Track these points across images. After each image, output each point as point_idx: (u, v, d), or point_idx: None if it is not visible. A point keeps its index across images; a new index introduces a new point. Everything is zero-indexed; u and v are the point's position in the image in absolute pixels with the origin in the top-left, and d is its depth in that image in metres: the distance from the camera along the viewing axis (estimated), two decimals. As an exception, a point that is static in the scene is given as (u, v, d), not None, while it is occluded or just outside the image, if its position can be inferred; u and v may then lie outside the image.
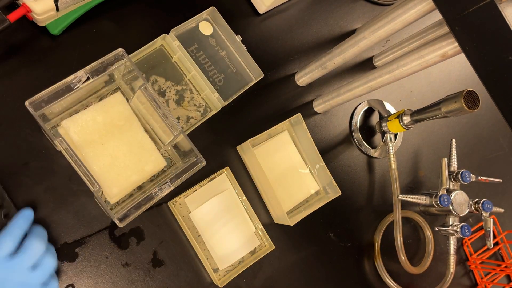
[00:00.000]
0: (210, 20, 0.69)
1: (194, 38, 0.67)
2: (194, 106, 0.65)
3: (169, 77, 0.65)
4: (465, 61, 0.46)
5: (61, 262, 0.55)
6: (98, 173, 0.53)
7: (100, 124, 0.54)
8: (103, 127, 0.55)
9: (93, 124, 0.54)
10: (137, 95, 0.54)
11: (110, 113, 0.55)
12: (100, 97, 0.57)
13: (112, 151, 0.55)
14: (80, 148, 0.53)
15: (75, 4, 0.57)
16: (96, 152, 0.54)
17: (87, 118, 0.54)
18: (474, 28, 0.43)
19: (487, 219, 0.75)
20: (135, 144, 0.56)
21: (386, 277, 0.74)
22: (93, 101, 0.57)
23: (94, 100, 0.57)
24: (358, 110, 0.79)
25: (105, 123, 0.55)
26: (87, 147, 0.53)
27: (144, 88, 0.52)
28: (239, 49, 0.69)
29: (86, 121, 0.54)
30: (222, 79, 0.67)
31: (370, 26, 0.57)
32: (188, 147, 0.55)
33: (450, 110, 0.61)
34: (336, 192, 0.69)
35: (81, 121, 0.54)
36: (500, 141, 0.94)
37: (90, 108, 0.55)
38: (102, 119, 0.55)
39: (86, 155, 0.53)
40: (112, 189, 0.54)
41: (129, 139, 0.56)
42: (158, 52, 0.65)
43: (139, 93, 0.53)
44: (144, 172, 0.56)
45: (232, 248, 0.64)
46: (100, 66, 0.50)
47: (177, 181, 0.53)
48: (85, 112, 0.54)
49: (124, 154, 0.55)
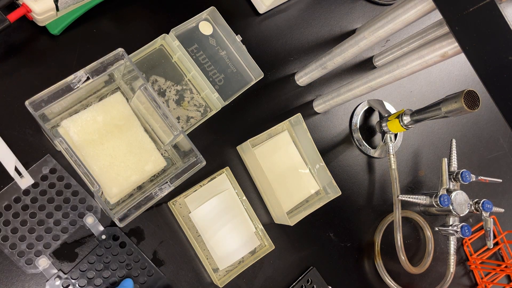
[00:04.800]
0: (210, 20, 0.69)
1: (194, 38, 0.67)
2: (194, 106, 0.65)
3: (169, 77, 0.65)
4: (465, 61, 0.46)
5: (61, 262, 0.55)
6: (98, 173, 0.53)
7: (100, 124, 0.54)
8: (103, 127, 0.55)
9: (93, 124, 0.54)
10: (137, 95, 0.54)
11: (110, 113, 0.55)
12: (100, 97, 0.57)
13: (112, 151, 0.55)
14: (80, 148, 0.53)
15: (75, 4, 0.57)
16: (96, 152, 0.54)
17: (87, 118, 0.54)
18: (474, 28, 0.43)
19: (487, 219, 0.75)
20: (135, 144, 0.56)
21: (386, 277, 0.74)
22: (93, 101, 0.57)
23: (94, 100, 0.57)
24: (358, 110, 0.79)
25: (105, 123, 0.55)
26: (87, 147, 0.53)
27: (144, 88, 0.52)
28: (239, 49, 0.69)
29: (86, 121, 0.54)
30: (222, 79, 0.67)
31: (370, 26, 0.57)
32: (188, 147, 0.55)
33: (450, 110, 0.61)
34: (336, 192, 0.69)
35: (81, 121, 0.54)
36: (500, 141, 0.94)
37: (90, 108, 0.55)
38: (102, 119, 0.55)
39: (86, 155, 0.53)
40: (112, 189, 0.54)
41: (129, 139, 0.56)
42: (158, 52, 0.65)
43: (139, 93, 0.53)
44: (144, 172, 0.56)
45: (232, 248, 0.64)
46: (100, 66, 0.50)
47: (177, 181, 0.53)
48: (85, 112, 0.54)
49: (124, 154, 0.55)
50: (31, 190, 0.55)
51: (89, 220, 0.57)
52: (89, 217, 0.57)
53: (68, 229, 0.56)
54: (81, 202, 0.57)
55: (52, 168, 0.56)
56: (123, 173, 0.55)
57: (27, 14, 0.54)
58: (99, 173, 0.53)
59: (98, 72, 0.49)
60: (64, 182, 0.56)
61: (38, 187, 0.55)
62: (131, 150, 0.56)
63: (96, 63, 0.49)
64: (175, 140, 0.55)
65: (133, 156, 0.56)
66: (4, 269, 0.53)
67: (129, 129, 0.56)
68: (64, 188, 0.56)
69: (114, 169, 0.54)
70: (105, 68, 0.50)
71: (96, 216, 0.57)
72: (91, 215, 0.57)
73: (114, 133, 0.55)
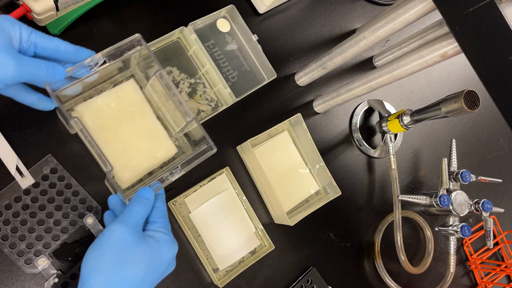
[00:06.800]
0: (228, 17, 0.70)
1: (210, 34, 0.68)
2: (206, 100, 0.66)
3: (183, 69, 0.65)
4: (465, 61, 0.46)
5: (61, 262, 0.55)
6: (110, 157, 0.53)
7: (113, 110, 0.55)
8: (117, 113, 0.55)
9: (106, 109, 0.55)
10: (151, 82, 0.55)
11: (124, 99, 0.56)
12: (114, 84, 0.58)
13: (125, 137, 0.55)
14: (93, 133, 0.53)
15: (75, 4, 0.57)
16: (109, 137, 0.54)
17: (101, 104, 0.54)
18: (474, 28, 0.43)
19: (487, 219, 0.75)
20: (147, 131, 0.57)
21: (386, 277, 0.74)
22: (107, 87, 0.57)
23: (108, 86, 0.57)
24: (358, 110, 0.79)
25: (118, 109, 0.55)
26: (100, 132, 0.54)
27: (160, 74, 0.53)
28: (254, 48, 0.70)
29: (100, 107, 0.54)
30: (235, 76, 0.68)
31: (370, 26, 0.57)
32: (199, 135, 0.55)
33: (450, 110, 0.61)
34: (336, 192, 0.69)
35: (95, 106, 0.54)
36: (500, 141, 0.94)
37: (104, 93, 0.55)
38: (116, 105, 0.55)
39: (99, 139, 0.54)
40: (124, 173, 0.54)
41: (142, 125, 0.56)
42: (174, 44, 0.65)
43: (154, 80, 0.54)
44: (155, 158, 0.57)
45: (232, 248, 0.64)
46: (116, 50, 0.50)
47: (188, 166, 0.53)
48: (99, 97, 0.55)
49: (136, 140, 0.56)
50: (31, 190, 0.55)
51: (89, 221, 0.57)
52: (89, 218, 0.57)
53: (68, 229, 0.56)
54: (82, 203, 0.57)
55: (53, 168, 0.56)
56: (135, 158, 0.55)
57: (27, 14, 0.54)
58: (112, 157, 0.54)
59: (114, 56, 0.50)
60: (64, 182, 0.56)
61: (39, 186, 0.55)
62: (143, 137, 0.56)
63: (112, 47, 0.50)
64: (187, 126, 0.55)
65: (145, 142, 0.56)
66: (4, 269, 0.53)
67: (141, 116, 0.57)
68: (65, 188, 0.56)
69: (127, 155, 0.55)
70: (122, 53, 0.50)
71: (96, 217, 0.57)
72: (91, 215, 0.57)
73: (127, 119, 0.56)
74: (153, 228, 0.49)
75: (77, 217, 0.56)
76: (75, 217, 0.56)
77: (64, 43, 0.47)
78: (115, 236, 0.45)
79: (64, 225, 0.56)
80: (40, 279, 0.54)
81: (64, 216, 0.56)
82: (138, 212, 0.47)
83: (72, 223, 0.56)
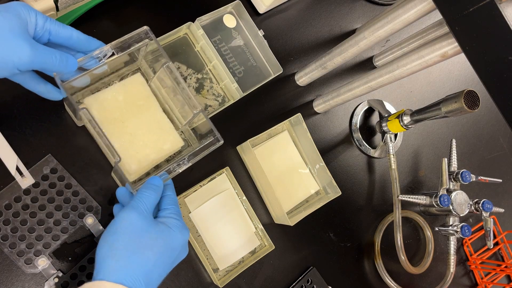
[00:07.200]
0: (234, 13, 0.70)
1: (217, 30, 0.68)
2: (213, 95, 0.66)
3: (190, 65, 0.66)
4: (465, 61, 0.46)
5: (61, 262, 0.55)
6: (118, 149, 0.54)
7: (121, 102, 0.56)
8: (124, 106, 0.56)
9: (114, 102, 0.55)
10: (158, 75, 0.55)
11: (131, 92, 0.56)
12: (120, 77, 0.58)
13: (132, 130, 0.56)
14: (101, 125, 0.54)
15: (75, 4, 0.57)
16: (117, 129, 0.55)
17: (108, 97, 0.55)
18: (474, 28, 0.43)
19: (487, 219, 0.75)
20: (154, 124, 0.57)
21: (386, 277, 0.74)
22: (114, 80, 0.58)
23: (115, 79, 0.58)
24: (358, 110, 0.79)
25: (126, 102, 0.56)
26: (108, 124, 0.54)
27: (167, 66, 0.53)
28: (260, 44, 0.70)
29: (107, 100, 0.55)
30: (242, 71, 0.68)
31: (370, 26, 0.57)
32: (206, 128, 0.56)
33: (450, 110, 0.61)
34: (336, 192, 0.69)
35: (103, 99, 0.55)
36: (500, 141, 0.94)
37: (112, 87, 0.56)
38: (123, 98, 0.56)
39: (107, 132, 0.54)
40: (131, 166, 0.55)
41: (149, 118, 0.57)
42: (182, 40, 0.66)
43: (161, 72, 0.54)
44: (162, 151, 0.57)
45: (232, 248, 0.64)
46: (124, 43, 0.51)
47: (194, 158, 0.53)
48: (107, 90, 0.55)
49: (143, 133, 0.56)
50: (31, 190, 0.55)
51: (89, 221, 0.57)
52: (89, 218, 0.57)
53: (68, 229, 0.56)
54: (82, 203, 0.57)
55: (53, 168, 0.56)
56: (142, 151, 0.56)
57: (27, 14, 0.54)
58: (119, 150, 0.54)
59: (122, 48, 0.51)
60: (64, 182, 0.56)
61: (39, 186, 0.55)
62: (150, 129, 0.57)
63: (121, 39, 0.50)
64: (194, 118, 0.56)
65: (152, 135, 0.57)
66: (4, 269, 0.53)
67: (148, 109, 0.57)
68: (65, 188, 0.56)
69: (134, 147, 0.55)
70: (130, 45, 0.51)
71: (96, 217, 0.57)
72: (91, 215, 0.57)
73: (134, 112, 0.56)
74: (164, 214, 0.50)
75: (77, 217, 0.56)
76: (75, 217, 0.56)
77: (76, 32, 0.48)
78: (126, 222, 0.45)
79: (64, 225, 0.56)
80: (40, 279, 0.54)
81: (64, 216, 0.56)
82: (148, 197, 0.48)
83: (72, 223, 0.56)
